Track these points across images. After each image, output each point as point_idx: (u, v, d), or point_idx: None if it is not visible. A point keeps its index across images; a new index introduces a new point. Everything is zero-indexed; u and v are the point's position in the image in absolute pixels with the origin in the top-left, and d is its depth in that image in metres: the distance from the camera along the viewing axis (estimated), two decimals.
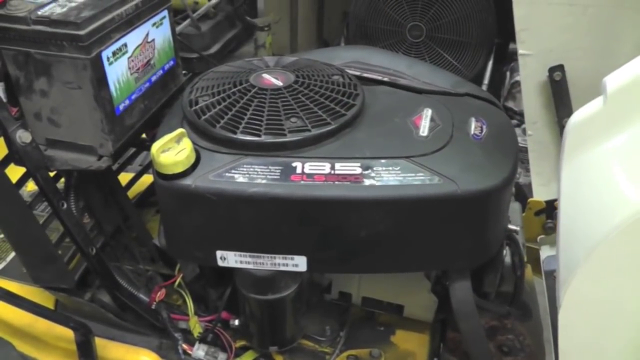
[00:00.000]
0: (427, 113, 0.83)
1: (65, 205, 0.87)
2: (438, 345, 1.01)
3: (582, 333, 0.49)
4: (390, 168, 0.73)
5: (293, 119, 0.78)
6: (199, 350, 0.94)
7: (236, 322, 0.93)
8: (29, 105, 0.85)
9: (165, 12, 0.95)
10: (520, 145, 1.81)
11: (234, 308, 0.93)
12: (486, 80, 2.59)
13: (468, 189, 0.72)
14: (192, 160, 0.74)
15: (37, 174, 0.83)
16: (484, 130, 0.81)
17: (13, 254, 1.24)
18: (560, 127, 1.10)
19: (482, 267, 0.88)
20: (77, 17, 0.76)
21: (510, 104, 1.99)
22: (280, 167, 0.74)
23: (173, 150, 0.73)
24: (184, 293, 0.96)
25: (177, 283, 0.93)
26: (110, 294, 0.98)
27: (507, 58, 2.38)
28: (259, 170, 0.74)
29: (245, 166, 0.74)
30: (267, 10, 2.44)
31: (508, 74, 2.05)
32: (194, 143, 0.76)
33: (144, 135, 0.99)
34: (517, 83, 1.94)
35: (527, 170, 1.71)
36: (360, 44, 2.67)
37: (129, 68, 0.87)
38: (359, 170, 0.73)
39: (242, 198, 0.72)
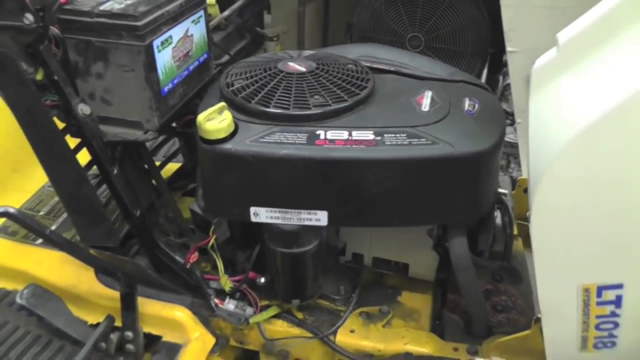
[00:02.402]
0: (428, 94, 0.98)
1: (116, 171, 1.01)
2: (439, 305, 1.14)
3: (550, 236, 0.62)
4: (398, 135, 0.88)
5: (316, 97, 0.92)
6: (229, 304, 1.06)
7: (262, 280, 1.06)
8: (84, 86, 0.99)
9: (202, 12, 1.10)
10: (512, 141, 1.95)
11: (259, 268, 1.07)
12: None
13: (463, 150, 0.86)
14: (232, 128, 0.88)
15: (93, 142, 0.97)
16: (476, 107, 0.96)
17: (53, 227, 1.37)
18: None
19: (476, 227, 1.02)
20: (135, 11, 0.91)
21: (503, 105, 2.14)
22: (306, 134, 0.88)
23: (216, 120, 0.87)
24: (214, 255, 1.08)
25: (210, 244, 1.06)
26: (149, 256, 1.11)
27: (500, 67, 2.55)
28: (288, 136, 0.88)
29: (277, 134, 0.88)
30: (274, 23, 2.61)
31: (501, 78, 2.21)
32: (233, 116, 0.91)
33: (173, 125, 1.13)
34: (509, 85, 2.09)
35: (519, 165, 1.86)
36: None
37: (173, 57, 1.02)
38: (372, 137, 0.87)
39: (274, 159, 0.86)
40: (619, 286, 0.61)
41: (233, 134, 0.89)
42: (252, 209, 0.92)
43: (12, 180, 1.42)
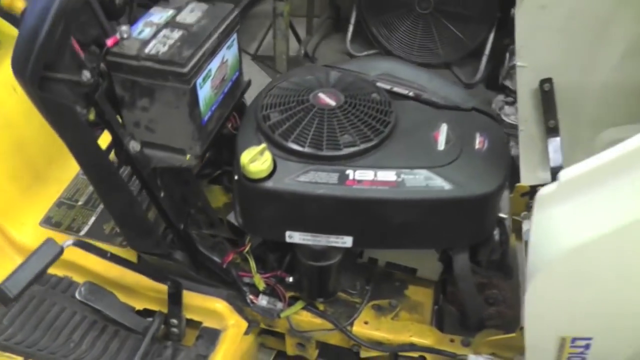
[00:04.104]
0: (444, 129, 1.09)
1: (162, 194, 1.13)
2: (439, 297, 1.33)
3: (540, 306, 0.78)
4: (417, 176, 1.00)
5: (345, 136, 1.03)
6: (262, 300, 1.24)
7: (290, 279, 1.22)
8: (129, 116, 1.07)
9: (235, 34, 1.17)
10: (513, 122, 2.07)
11: (288, 268, 1.23)
12: (487, 51, 2.81)
13: (472, 193, 1.00)
14: (272, 168, 1.00)
15: (142, 173, 1.09)
16: (485, 145, 1.08)
17: (93, 218, 1.51)
18: (547, 127, 1.36)
19: (477, 243, 1.18)
20: (180, 58, 0.98)
21: (507, 82, 2.23)
22: (337, 174, 1.00)
23: (259, 161, 0.99)
24: (248, 256, 1.24)
25: (247, 250, 1.21)
26: (191, 257, 1.26)
27: (507, 32, 2.58)
28: (322, 175, 1.00)
29: (311, 172, 1.01)
30: None
31: (507, 55, 2.27)
32: (270, 152, 1.02)
33: None
34: (514, 66, 2.16)
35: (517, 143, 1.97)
36: (372, 13, 2.85)
37: (212, 87, 1.11)
38: (394, 178, 1.00)
39: (310, 197, 0.99)
40: (589, 338, 0.78)
41: (272, 172, 1.01)
42: (287, 233, 1.06)
43: (49, 173, 1.51)
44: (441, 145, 1.06)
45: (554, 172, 1.32)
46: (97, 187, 1.12)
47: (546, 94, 1.32)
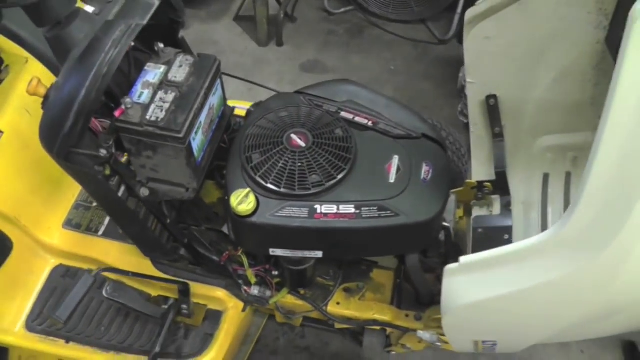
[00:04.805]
0: (395, 161, 1.33)
1: (169, 220, 1.39)
2: (398, 277, 1.63)
3: (456, 326, 1.08)
4: (370, 208, 1.26)
5: (314, 176, 1.27)
6: (255, 290, 1.54)
7: (276, 272, 1.52)
8: (136, 161, 1.30)
9: (218, 80, 1.36)
10: None
11: (274, 263, 1.52)
12: (459, 8, 2.89)
13: (416, 220, 1.26)
14: (255, 207, 1.25)
15: (152, 209, 1.34)
16: (430, 175, 1.32)
17: (108, 218, 1.76)
18: (493, 133, 1.59)
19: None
20: (176, 125, 1.19)
21: None
22: (307, 209, 1.26)
23: (245, 203, 1.24)
24: (242, 255, 1.52)
25: (240, 252, 1.49)
26: (194, 258, 1.55)
27: None
28: (295, 211, 1.25)
29: (287, 208, 1.26)
30: None
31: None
32: (253, 190, 1.26)
33: None
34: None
35: None
36: None
37: (202, 133, 1.32)
38: (353, 210, 1.26)
39: (287, 229, 1.25)
40: (495, 342, 1.09)
41: (256, 209, 1.26)
42: (271, 250, 1.34)
43: (64, 180, 1.68)
44: (392, 177, 1.31)
45: (497, 173, 1.59)
46: (115, 220, 1.38)
47: (491, 107, 1.55)
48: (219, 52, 3.03)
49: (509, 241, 1.54)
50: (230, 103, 2.04)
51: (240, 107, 2.00)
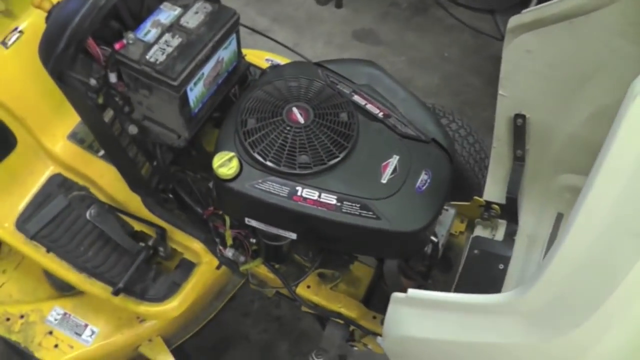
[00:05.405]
0: (394, 161, 1.24)
1: (155, 162, 1.37)
2: (377, 275, 1.57)
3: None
4: (353, 204, 1.19)
5: (303, 156, 1.21)
6: (229, 252, 1.51)
7: (253, 240, 1.48)
8: (134, 96, 1.27)
9: (234, 35, 1.29)
10: None
11: (254, 230, 1.49)
12: (534, 3, 2.68)
13: (396, 229, 1.18)
14: (237, 173, 1.20)
15: (141, 148, 1.32)
16: (427, 185, 1.23)
17: None
18: (514, 155, 1.47)
19: None
20: (173, 72, 1.14)
21: None
22: (288, 189, 1.20)
23: (226, 167, 1.19)
24: (225, 214, 1.49)
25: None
26: (179, 205, 1.53)
27: None
28: (275, 187, 1.20)
29: (268, 182, 1.20)
30: None
31: None
32: (239, 154, 1.21)
33: None
34: None
35: None
36: None
37: (204, 85, 1.27)
38: (334, 202, 1.19)
39: (263, 203, 1.20)
40: None
41: (238, 175, 1.21)
42: (246, 219, 1.30)
43: (63, 109, 1.62)
44: (385, 178, 1.23)
45: (508, 198, 1.48)
46: (105, 150, 1.37)
47: (518, 128, 1.43)
48: (274, 1, 2.94)
49: (503, 272, 1.45)
50: (265, 56, 1.99)
51: (276, 62, 1.94)
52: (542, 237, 1.48)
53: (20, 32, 1.55)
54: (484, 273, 1.46)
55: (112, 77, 1.19)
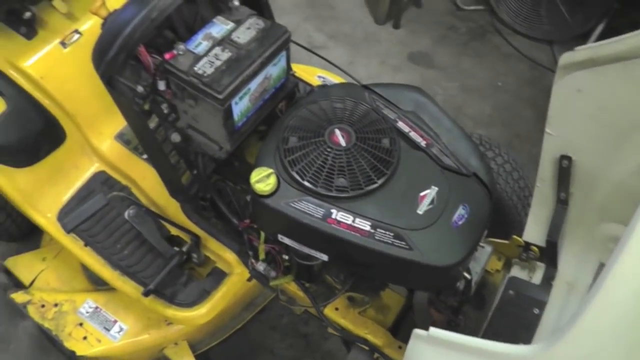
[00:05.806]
0: (432, 192, 1.22)
1: (196, 171, 1.39)
2: (408, 305, 1.54)
3: None
4: (386, 232, 1.17)
5: (341, 179, 1.20)
6: (260, 266, 1.52)
7: (286, 257, 1.48)
8: (180, 105, 1.30)
9: (284, 52, 1.31)
10: None
11: (287, 248, 1.49)
12: (593, 39, 2.61)
13: (428, 262, 1.15)
14: (274, 189, 1.21)
15: (183, 156, 1.35)
16: (463, 220, 1.20)
17: None
18: (557, 197, 1.41)
19: None
20: (219, 85, 1.16)
21: None
22: (323, 210, 1.19)
23: (264, 183, 1.20)
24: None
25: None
26: (216, 215, 1.55)
27: (621, 29, 2.38)
28: (311, 207, 1.20)
29: (304, 202, 1.20)
30: None
31: None
32: (277, 171, 1.22)
33: None
34: None
35: None
36: None
37: (250, 100, 1.29)
38: (368, 228, 1.18)
39: (297, 222, 1.20)
40: None
41: (275, 191, 1.22)
42: (279, 236, 1.30)
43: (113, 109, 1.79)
44: (422, 208, 1.20)
45: (548, 241, 1.42)
46: (148, 155, 1.41)
47: (563, 169, 1.38)
48: (332, 18, 2.97)
49: (538, 317, 1.38)
50: (317, 72, 2.00)
51: (328, 79, 1.95)
52: (581, 286, 1.41)
53: (80, 34, 1.63)
54: (518, 316, 1.40)
55: (161, 85, 1.23)
